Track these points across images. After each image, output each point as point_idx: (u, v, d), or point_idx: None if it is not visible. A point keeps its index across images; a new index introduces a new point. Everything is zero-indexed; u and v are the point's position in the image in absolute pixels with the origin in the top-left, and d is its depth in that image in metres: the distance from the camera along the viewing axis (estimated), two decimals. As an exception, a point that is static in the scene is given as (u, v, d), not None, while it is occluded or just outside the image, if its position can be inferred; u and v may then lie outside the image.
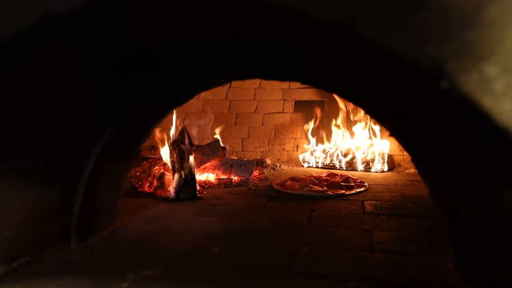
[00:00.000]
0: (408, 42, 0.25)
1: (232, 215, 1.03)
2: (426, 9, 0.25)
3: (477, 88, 0.24)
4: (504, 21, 0.24)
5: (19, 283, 0.58)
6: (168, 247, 0.76)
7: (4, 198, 0.57)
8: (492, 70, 0.24)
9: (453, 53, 0.24)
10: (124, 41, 0.49)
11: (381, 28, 0.25)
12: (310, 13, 0.25)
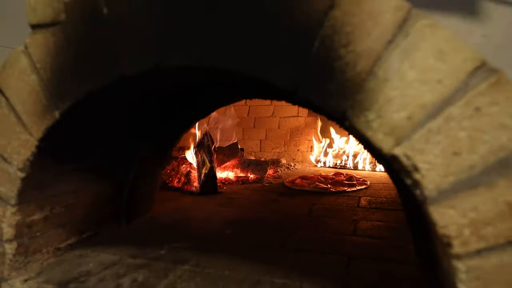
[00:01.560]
0: (327, 100, 0.44)
1: (246, 207, 1.24)
2: (335, 81, 0.44)
3: (363, 126, 0.43)
4: (377, 89, 0.43)
5: (88, 248, 0.80)
6: (193, 229, 0.98)
7: (77, 187, 0.79)
8: (371, 116, 0.43)
9: (350, 106, 0.43)
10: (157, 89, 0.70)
11: (313, 92, 0.44)
12: (274, 83, 0.45)
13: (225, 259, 0.75)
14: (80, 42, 0.57)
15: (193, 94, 0.87)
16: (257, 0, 0.47)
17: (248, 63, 0.47)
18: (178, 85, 0.74)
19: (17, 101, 0.61)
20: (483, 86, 0.40)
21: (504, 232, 0.40)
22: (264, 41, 0.47)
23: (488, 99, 0.39)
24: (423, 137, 0.42)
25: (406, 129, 0.42)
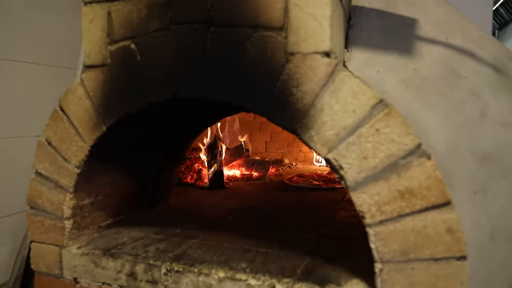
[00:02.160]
0: (284, 122, 0.67)
1: (247, 199, 1.47)
2: (290, 109, 0.66)
3: (308, 140, 0.65)
4: (316, 115, 0.65)
5: (121, 227, 1.05)
6: (202, 215, 1.21)
7: (114, 180, 1.04)
8: (313, 133, 0.65)
9: (299, 126, 0.66)
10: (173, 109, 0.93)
11: (275, 116, 0.67)
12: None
13: (225, 236, 0.98)
14: (120, 78, 0.81)
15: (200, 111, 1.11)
16: (239, 58, 0.70)
17: (233, 97, 0.70)
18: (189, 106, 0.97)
19: (75, 118, 0.86)
20: (381, 115, 0.62)
21: (396, 209, 0.62)
22: (244, 84, 0.70)
23: (384, 123, 0.61)
24: (345, 147, 0.64)
25: (334, 142, 0.64)
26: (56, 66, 1.46)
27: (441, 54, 0.87)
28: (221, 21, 0.70)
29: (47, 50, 1.42)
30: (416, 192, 0.60)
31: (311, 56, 0.64)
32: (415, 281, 0.62)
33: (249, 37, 0.69)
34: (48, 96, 1.39)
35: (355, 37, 0.90)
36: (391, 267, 0.63)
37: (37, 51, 1.38)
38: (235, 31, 0.69)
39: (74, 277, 0.90)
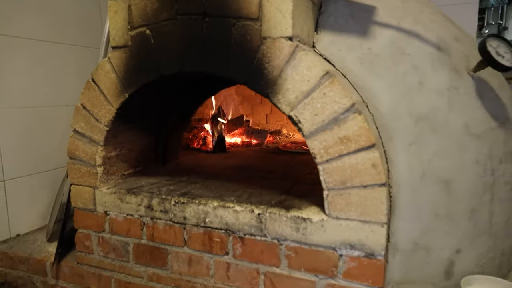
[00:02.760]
0: (260, 89, 0.90)
1: (244, 160, 1.72)
2: (263, 79, 0.89)
3: (276, 102, 0.89)
4: (282, 83, 0.88)
5: (140, 176, 1.32)
6: (204, 169, 1.48)
7: (134, 138, 1.30)
8: (280, 97, 0.88)
9: (270, 92, 0.89)
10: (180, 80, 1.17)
11: (253, 85, 0.91)
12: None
13: (221, 182, 1.24)
14: (139, 57, 1.05)
15: (201, 85, 1.34)
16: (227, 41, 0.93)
17: (223, 71, 0.94)
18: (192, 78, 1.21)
19: (104, 88, 1.11)
20: (327, 83, 0.85)
21: (337, 151, 0.86)
22: (231, 61, 0.93)
23: (328, 89, 0.85)
24: (302, 107, 0.88)
25: (295, 103, 0.88)
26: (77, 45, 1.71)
27: (391, 35, 1.08)
28: (213, 13, 0.93)
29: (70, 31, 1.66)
30: (351, 138, 0.84)
31: (278, 39, 0.87)
32: (350, 202, 0.86)
33: (234, 25, 0.92)
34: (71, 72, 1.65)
35: (324, 23, 1.11)
36: (334, 193, 0.88)
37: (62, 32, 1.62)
38: (224, 20, 0.92)
39: (104, 210, 1.18)
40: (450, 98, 1.03)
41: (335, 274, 0.90)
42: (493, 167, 1.05)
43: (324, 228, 0.89)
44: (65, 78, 1.62)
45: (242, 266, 1.00)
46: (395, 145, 1.00)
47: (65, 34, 1.63)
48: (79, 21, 1.68)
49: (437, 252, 1.02)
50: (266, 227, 0.95)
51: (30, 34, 1.48)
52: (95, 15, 1.76)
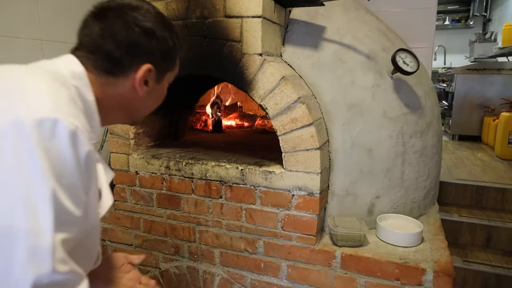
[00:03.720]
0: (241, 86, 1.38)
1: (236, 137, 2.21)
2: (244, 80, 1.37)
3: (252, 95, 1.36)
4: (255, 83, 1.35)
5: (158, 147, 1.81)
6: (206, 144, 1.97)
7: (154, 120, 1.79)
8: (254, 92, 1.36)
9: (248, 88, 1.37)
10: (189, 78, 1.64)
11: (237, 84, 1.38)
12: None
13: (217, 151, 1.73)
14: (160, 63, 1.52)
15: (203, 81, 1.82)
16: (220, 54, 1.40)
17: (218, 74, 1.42)
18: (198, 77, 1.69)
19: (135, 84, 1.59)
20: (283, 83, 1.33)
21: (290, 127, 1.35)
22: (223, 67, 1.41)
23: (284, 87, 1.33)
24: (268, 99, 1.36)
25: (263, 96, 1.36)
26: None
27: (334, 48, 1.56)
28: (211, 36, 1.41)
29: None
30: (298, 119, 1.33)
31: (253, 55, 1.35)
32: (299, 160, 1.35)
33: (224, 44, 1.39)
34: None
35: (288, 38, 1.58)
36: (288, 155, 1.37)
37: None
38: (218, 41, 1.40)
39: (135, 170, 1.68)
40: (374, 92, 1.51)
41: (289, 207, 1.40)
42: (404, 140, 1.54)
43: (282, 177, 1.39)
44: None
45: (231, 205, 1.50)
46: (334, 124, 1.49)
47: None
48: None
49: (362, 197, 1.52)
50: (246, 178, 1.45)
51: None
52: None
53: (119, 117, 0.86)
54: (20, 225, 0.55)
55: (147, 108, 0.89)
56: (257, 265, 1.48)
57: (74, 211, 0.61)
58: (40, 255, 0.56)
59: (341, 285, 1.35)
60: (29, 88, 0.62)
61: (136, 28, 0.74)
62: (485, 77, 4.24)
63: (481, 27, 6.36)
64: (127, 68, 0.76)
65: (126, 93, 0.79)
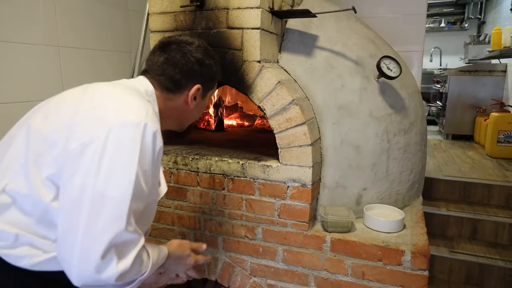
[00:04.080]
0: (242, 90, 1.55)
1: (237, 136, 2.38)
2: (244, 84, 1.54)
3: (251, 97, 1.53)
4: (254, 87, 1.52)
5: (167, 145, 1.98)
6: (209, 141, 2.14)
7: (162, 120, 1.96)
8: (253, 95, 1.53)
9: (248, 92, 1.54)
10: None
11: (239, 87, 1.56)
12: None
13: (220, 148, 1.91)
14: (169, 68, 1.70)
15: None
16: (224, 61, 1.58)
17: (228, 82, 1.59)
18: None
19: (146, 87, 1.77)
20: (278, 87, 1.50)
21: (285, 126, 1.52)
22: (226, 72, 1.58)
23: (280, 91, 1.50)
24: (266, 101, 1.53)
25: (262, 98, 1.53)
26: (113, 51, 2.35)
27: (326, 55, 1.73)
28: (215, 45, 1.58)
29: (110, 39, 2.31)
30: (292, 119, 1.50)
31: (252, 62, 1.52)
32: (293, 155, 1.52)
33: (227, 52, 1.56)
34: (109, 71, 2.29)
35: (284, 46, 1.75)
36: (284, 151, 1.54)
37: (105, 41, 2.27)
38: (221, 49, 1.57)
39: (146, 165, 1.85)
40: (361, 95, 1.68)
41: (285, 197, 1.57)
42: (388, 138, 1.71)
43: (279, 170, 1.56)
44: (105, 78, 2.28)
45: (232, 196, 1.67)
46: (325, 123, 1.66)
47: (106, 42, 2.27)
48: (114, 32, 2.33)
49: (351, 189, 1.69)
50: (246, 171, 1.62)
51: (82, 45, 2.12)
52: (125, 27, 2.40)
53: (172, 124, 1.13)
54: (112, 195, 0.79)
55: (193, 117, 1.16)
56: (256, 250, 1.65)
57: (144, 189, 0.84)
58: (120, 218, 0.79)
59: (331, 266, 1.52)
60: (128, 100, 0.89)
61: (191, 58, 1.01)
62: (477, 78, 4.41)
63: (476, 29, 6.51)
64: (183, 87, 1.03)
65: (180, 106, 1.06)
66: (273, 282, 1.65)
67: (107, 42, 2.27)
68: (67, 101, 0.93)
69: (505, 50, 3.48)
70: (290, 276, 1.60)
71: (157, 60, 1.01)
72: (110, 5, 2.27)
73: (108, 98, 0.90)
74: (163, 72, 1.00)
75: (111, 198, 0.78)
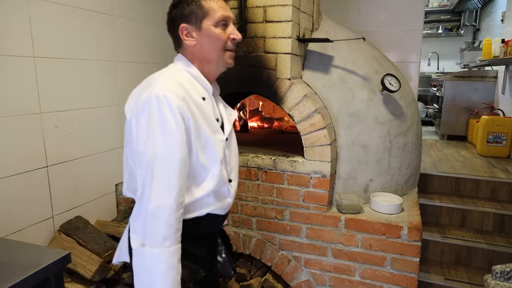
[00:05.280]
0: (275, 100, 1.96)
1: (261, 136, 2.80)
2: (277, 96, 1.95)
3: (283, 107, 1.94)
4: (286, 98, 1.94)
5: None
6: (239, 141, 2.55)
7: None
8: (284, 104, 1.94)
9: (280, 101, 1.95)
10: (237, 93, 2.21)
11: (273, 99, 1.97)
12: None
13: (251, 147, 2.32)
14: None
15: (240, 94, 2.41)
16: (260, 78, 1.99)
17: (258, 92, 2.00)
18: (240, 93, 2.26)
19: (194, 97, 2.19)
20: (304, 99, 1.91)
21: (309, 129, 1.93)
22: (262, 87, 1.99)
23: (306, 102, 1.91)
24: (294, 109, 1.94)
25: (291, 108, 1.95)
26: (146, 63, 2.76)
27: (340, 72, 2.14)
28: (254, 65, 1.99)
29: (145, 52, 2.72)
30: (315, 124, 1.91)
31: (283, 79, 1.94)
32: (315, 152, 1.93)
33: (263, 71, 1.98)
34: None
35: (306, 65, 2.17)
36: (308, 149, 1.95)
37: (140, 54, 2.68)
38: (259, 69, 1.98)
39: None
40: (368, 104, 2.10)
41: (308, 185, 1.98)
42: (390, 139, 2.13)
43: (304, 164, 1.97)
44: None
45: (265, 185, 2.08)
46: (339, 127, 2.07)
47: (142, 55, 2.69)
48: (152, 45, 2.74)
49: (360, 180, 2.10)
50: (277, 165, 2.04)
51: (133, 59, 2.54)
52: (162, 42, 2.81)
53: (207, 66, 1.14)
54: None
55: (210, 50, 1.10)
56: (284, 228, 2.07)
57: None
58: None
59: (345, 240, 1.94)
60: (157, 78, 1.06)
61: (169, 11, 1.12)
62: (471, 83, 4.82)
63: (471, 35, 6.92)
64: (176, 36, 1.11)
65: (191, 50, 1.11)
66: (298, 254, 2.06)
67: (150, 56, 2.69)
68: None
69: (495, 59, 3.89)
70: (312, 249, 2.02)
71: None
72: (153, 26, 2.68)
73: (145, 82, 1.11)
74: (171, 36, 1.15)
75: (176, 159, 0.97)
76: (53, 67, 1.96)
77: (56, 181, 2.03)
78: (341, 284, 1.97)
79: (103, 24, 2.28)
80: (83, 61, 2.16)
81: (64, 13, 2.00)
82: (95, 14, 2.21)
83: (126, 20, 2.46)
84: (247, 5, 1.91)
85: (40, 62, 1.89)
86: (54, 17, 1.95)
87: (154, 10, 2.70)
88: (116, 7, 2.37)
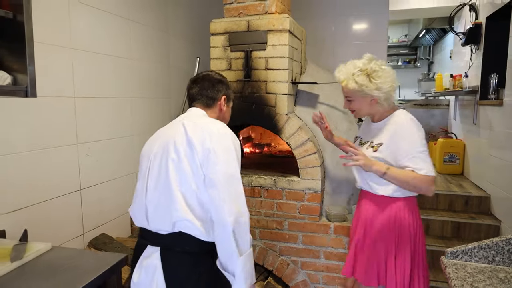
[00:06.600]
0: (275, 131, 2.42)
1: (256, 160, 3.23)
2: (277, 127, 2.41)
3: (281, 136, 2.41)
4: (284, 129, 2.41)
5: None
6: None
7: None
8: (282, 134, 2.41)
9: (278, 132, 2.42)
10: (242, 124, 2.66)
11: (272, 130, 2.43)
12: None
13: (251, 169, 2.75)
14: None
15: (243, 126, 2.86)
16: (262, 113, 2.46)
17: (260, 124, 2.46)
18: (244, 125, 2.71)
19: (205, 128, 2.61)
20: (299, 131, 2.39)
21: (304, 154, 2.40)
22: (264, 121, 2.45)
23: (300, 132, 2.39)
24: (291, 138, 2.41)
25: (289, 136, 2.42)
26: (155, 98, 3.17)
27: (324, 108, 2.65)
28: (257, 103, 2.45)
29: (151, 89, 3.13)
30: (308, 149, 2.38)
31: (282, 114, 2.41)
32: (308, 172, 2.40)
33: (265, 108, 2.45)
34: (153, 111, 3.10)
35: (298, 101, 2.66)
36: (302, 170, 2.41)
37: (147, 91, 3.09)
38: (261, 106, 2.45)
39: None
40: (347, 133, 2.61)
41: (303, 200, 2.43)
42: (366, 160, 2.63)
43: (299, 183, 2.43)
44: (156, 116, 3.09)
45: (267, 201, 2.51)
46: (326, 152, 2.56)
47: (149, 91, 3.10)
48: (156, 82, 3.16)
49: (343, 194, 2.58)
50: (277, 183, 2.48)
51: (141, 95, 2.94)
52: (165, 79, 3.23)
53: None
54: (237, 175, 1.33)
55: (226, 122, 1.56)
56: (283, 237, 2.49)
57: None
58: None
59: (334, 243, 2.39)
60: (212, 122, 1.38)
61: (214, 80, 1.49)
62: (428, 110, 5.54)
63: (426, 67, 7.83)
64: (216, 100, 1.49)
65: (217, 114, 1.51)
66: (295, 258, 2.48)
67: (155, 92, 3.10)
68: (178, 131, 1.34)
69: (445, 92, 4.60)
70: (307, 253, 2.45)
71: (194, 91, 1.47)
72: (159, 64, 3.11)
73: (205, 123, 1.36)
74: (201, 96, 1.46)
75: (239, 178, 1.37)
76: (87, 105, 2.34)
77: (87, 202, 2.36)
78: (332, 281, 2.39)
79: (122, 65, 2.69)
80: (105, 98, 2.55)
81: (98, 60, 2.41)
82: (119, 60, 2.62)
83: (140, 61, 2.88)
84: (252, 56, 2.40)
85: (79, 101, 2.27)
86: (89, 64, 2.34)
87: (161, 53, 3.14)
88: (135, 53, 2.79)
